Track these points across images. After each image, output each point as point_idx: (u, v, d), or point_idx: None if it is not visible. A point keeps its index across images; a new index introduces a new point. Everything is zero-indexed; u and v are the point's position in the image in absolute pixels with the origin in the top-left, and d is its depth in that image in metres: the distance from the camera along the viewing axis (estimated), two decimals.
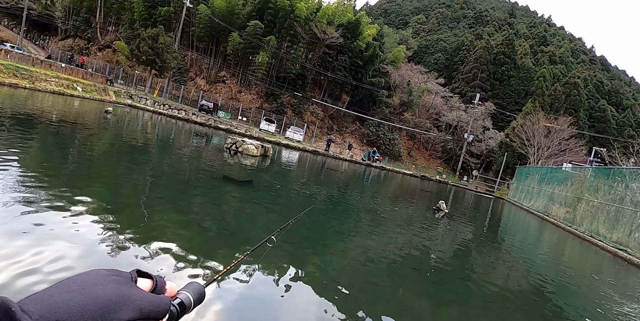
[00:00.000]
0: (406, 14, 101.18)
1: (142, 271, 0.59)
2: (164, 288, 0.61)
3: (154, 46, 33.17)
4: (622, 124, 61.03)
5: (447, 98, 56.72)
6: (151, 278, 0.59)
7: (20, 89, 19.89)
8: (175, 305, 0.62)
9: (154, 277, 0.60)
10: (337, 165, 26.98)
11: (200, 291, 0.69)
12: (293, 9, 43.19)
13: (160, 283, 0.60)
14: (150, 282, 0.59)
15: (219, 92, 45.02)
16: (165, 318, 0.56)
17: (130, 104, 28.33)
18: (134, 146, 10.92)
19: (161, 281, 0.61)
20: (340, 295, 3.87)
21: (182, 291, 0.66)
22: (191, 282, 0.70)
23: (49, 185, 5.00)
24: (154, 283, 0.59)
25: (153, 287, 0.58)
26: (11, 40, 43.72)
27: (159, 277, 0.61)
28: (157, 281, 0.59)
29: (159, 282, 0.60)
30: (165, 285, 0.61)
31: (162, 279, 0.61)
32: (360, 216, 9.00)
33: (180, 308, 0.63)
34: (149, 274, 0.60)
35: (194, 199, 6.42)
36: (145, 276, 0.59)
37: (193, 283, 0.70)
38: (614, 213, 13.64)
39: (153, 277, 0.60)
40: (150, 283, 0.58)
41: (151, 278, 0.59)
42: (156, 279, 0.60)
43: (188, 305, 0.65)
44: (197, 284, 0.70)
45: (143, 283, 0.57)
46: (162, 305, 0.55)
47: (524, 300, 5.23)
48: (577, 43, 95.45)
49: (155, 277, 0.60)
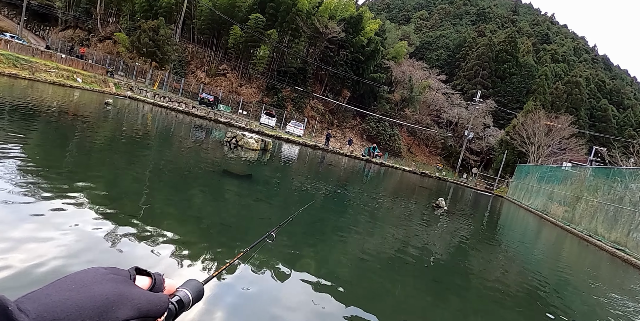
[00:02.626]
0: (409, 9, 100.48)
1: (141, 268, 0.59)
2: (162, 286, 0.60)
3: (155, 38, 32.94)
4: (623, 124, 60.96)
5: (448, 95, 56.57)
6: (150, 276, 0.59)
7: (20, 79, 19.77)
8: (173, 303, 0.62)
9: (153, 275, 0.60)
10: (337, 160, 26.95)
11: (199, 289, 0.69)
12: (295, 2, 42.87)
13: (159, 280, 0.60)
14: (149, 280, 0.59)
15: (220, 85, 44.84)
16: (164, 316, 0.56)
17: (131, 96, 28.21)
18: (134, 139, 10.87)
19: (160, 278, 0.60)
20: (338, 291, 3.86)
21: (180, 288, 0.66)
22: (190, 279, 0.70)
23: (48, 177, 4.97)
24: (152, 280, 0.59)
25: (152, 285, 0.58)
26: (11, 31, 43.42)
27: (157, 275, 0.60)
28: (155, 278, 0.59)
29: (157, 280, 0.60)
30: (164, 282, 0.61)
31: (160, 277, 0.61)
32: (360, 212, 8.99)
33: (178, 305, 0.63)
34: (147, 272, 0.59)
35: (193, 193, 6.39)
36: (144, 273, 0.59)
37: (192, 281, 0.70)
38: (612, 213, 13.65)
39: (152, 275, 0.59)
40: (149, 281, 0.58)
41: (150, 275, 0.59)
42: (155, 277, 0.60)
43: (187, 303, 0.65)
44: (196, 281, 0.70)
45: (141, 281, 0.57)
46: (161, 303, 0.55)
47: (521, 298, 5.23)
48: (580, 42, 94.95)
49: (153, 275, 0.60)
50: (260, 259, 4.06)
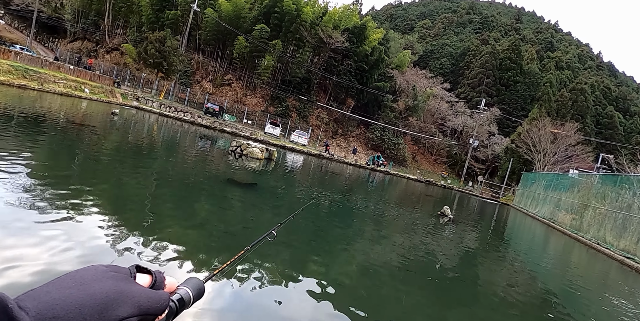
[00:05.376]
0: (412, 19, 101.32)
1: (142, 266, 0.59)
2: (163, 284, 0.60)
3: (161, 49, 33.45)
4: (630, 130, 60.46)
5: (453, 103, 56.53)
6: (150, 274, 0.59)
7: (29, 90, 20.09)
8: (174, 301, 0.61)
9: (153, 273, 0.60)
10: (342, 169, 26.94)
11: (199, 287, 0.69)
12: (299, 13, 43.41)
13: (160, 278, 0.60)
14: (150, 278, 0.59)
15: (225, 95, 45.24)
16: (165, 313, 0.56)
17: (137, 106, 28.54)
18: (140, 148, 10.97)
19: (160, 276, 0.60)
20: (341, 297, 3.84)
21: (181, 286, 0.66)
22: (190, 277, 0.70)
23: (55, 184, 5.02)
24: (153, 278, 0.59)
25: (152, 283, 0.58)
26: (21, 42, 44.30)
27: (158, 273, 0.60)
28: (156, 276, 0.59)
29: (158, 278, 0.60)
30: (164, 280, 0.61)
31: (161, 274, 0.61)
32: (364, 220, 8.95)
33: (179, 303, 0.62)
34: (148, 269, 0.59)
35: (198, 202, 6.42)
36: (144, 271, 0.59)
37: (192, 279, 0.70)
38: (621, 221, 13.46)
39: (152, 273, 0.59)
40: (150, 279, 0.58)
41: (150, 273, 0.59)
42: (155, 274, 0.59)
43: (187, 301, 0.64)
44: (197, 279, 0.70)
45: (142, 278, 0.57)
46: (161, 300, 0.55)
47: (529, 308, 5.15)
48: (584, 49, 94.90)
49: (154, 273, 0.60)
50: (263, 264, 4.05)
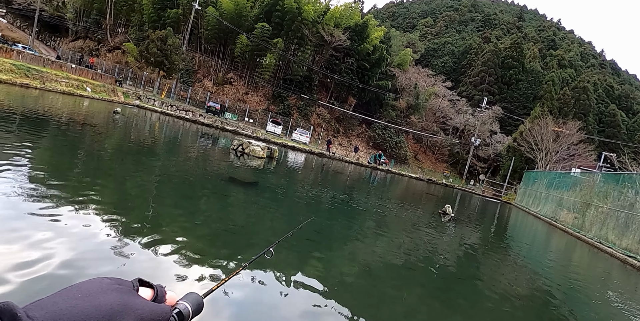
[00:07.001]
0: (414, 17, 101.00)
1: (144, 280, 0.61)
2: (164, 298, 0.62)
3: (163, 48, 33.45)
4: (633, 129, 60.27)
5: (455, 102, 56.42)
6: (152, 287, 0.61)
7: (32, 89, 20.14)
8: (174, 315, 0.62)
9: (155, 286, 0.61)
10: (343, 168, 26.93)
11: (198, 302, 0.69)
12: (300, 11, 43.34)
13: (161, 292, 0.62)
14: (152, 291, 0.60)
15: (226, 93, 45.26)
16: None
17: (139, 104, 28.57)
18: (142, 147, 10.98)
19: (162, 290, 0.62)
20: (343, 300, 3.84)
21: (181, 301, 0.67)
22: (190, 292, 0.71)
23: (56, 183, 5.03)
24: (154, 292, 0.60)
25: (154, 296, 0.60)
26: (23, 41, 44.35)
27: (159, 286, 0.62)
28: (157, 290, 0.61)
29: (159, 291, 0.61)
30: (165, 294, 0.63)
31: (162, 288, 0.62)
32: (366, 219, 8.95)
33: (178, 318, 0.63)
34: (150, 283, 0.61)
35: (199, 200, 6.42)
36: (146, 285, 0.61)
37: (192, 294, 0.71)
38: (623, 219, 13.42)
39: (154, 286, 0.61)
40: (152, 292, 0.60)
41: (152, 287, 0.61)
42: (157, 288, 0.61)
43: (186, 316, 0.65)
44: (196, 295, 0.71)
45: (144, 292, 0.59)
46: (163, 313, 0.56)
47: (532, 307, 5.14)
48: (587, 47, 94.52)
49: (156, 286, 0.61)
50: (264, 267, 4.05)
